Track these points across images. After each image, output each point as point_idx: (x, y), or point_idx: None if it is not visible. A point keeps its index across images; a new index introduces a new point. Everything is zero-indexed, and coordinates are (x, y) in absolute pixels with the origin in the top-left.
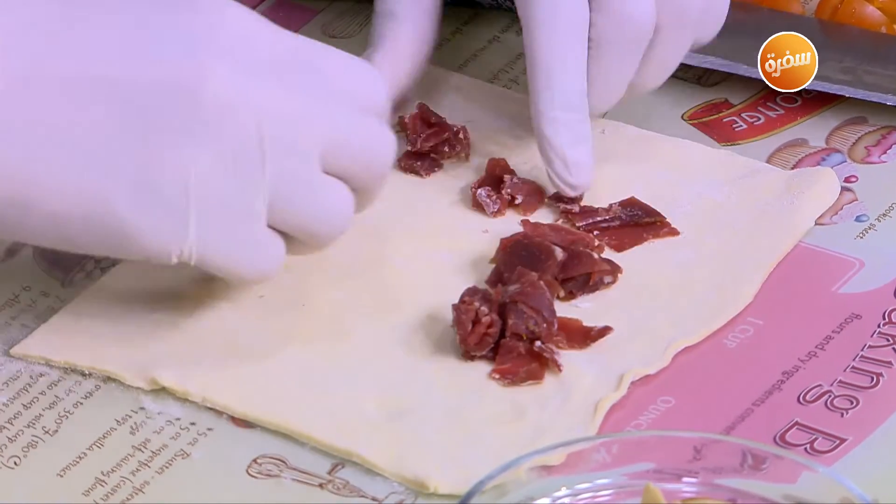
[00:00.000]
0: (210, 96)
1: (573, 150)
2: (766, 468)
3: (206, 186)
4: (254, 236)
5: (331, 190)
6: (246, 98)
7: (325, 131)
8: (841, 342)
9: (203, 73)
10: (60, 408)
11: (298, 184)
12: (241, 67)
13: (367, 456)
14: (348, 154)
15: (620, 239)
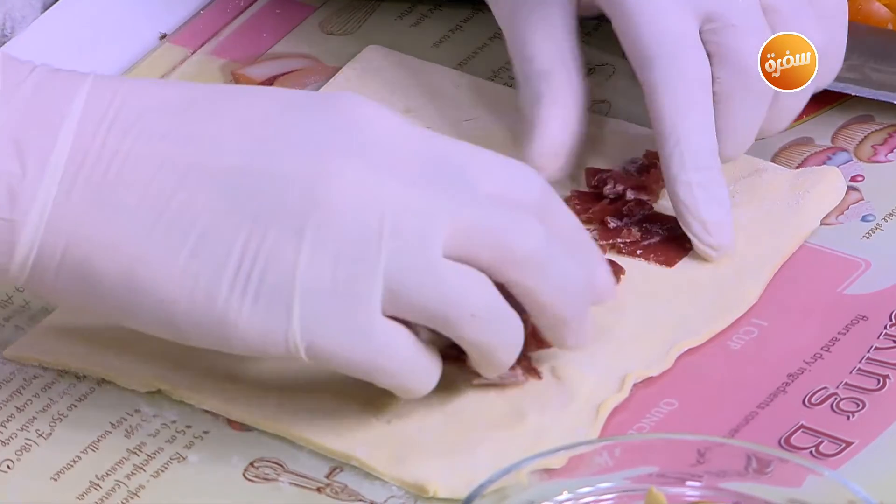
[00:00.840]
0: (331, 193)
1: (709, 211)
2: (770, 472)
3: (314, 276)
4: (369, 325)
5: (452, 271)
6: (370, 194)
7: (451, 220)
8: (847, 344)
9: (328, 172)
10: (54, 410)
11: (415, 267)
12: (369, 165)
13: (365, 459)
14: (477, 241)
15: (666, 254)
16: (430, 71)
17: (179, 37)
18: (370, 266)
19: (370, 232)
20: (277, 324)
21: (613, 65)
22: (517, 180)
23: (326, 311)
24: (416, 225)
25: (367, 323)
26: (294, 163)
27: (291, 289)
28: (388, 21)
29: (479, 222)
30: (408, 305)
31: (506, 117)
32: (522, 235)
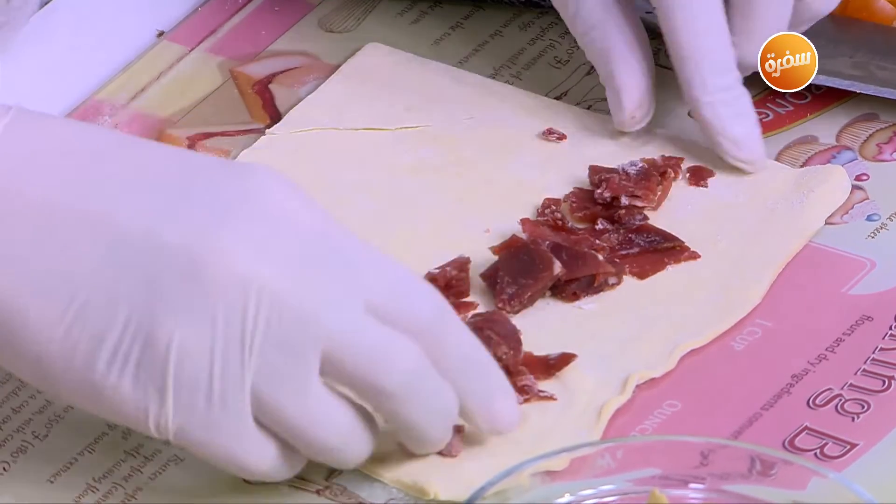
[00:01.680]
0: (212, 274)
1: (736, 126)
2: (774, 474)
3: (189, 361)
4: (237, 426)
5: (323, 397)
6: (248, 284)
7: (326, 332)
8: (851, 345)
9: (213, 249)
10: (50, 412)
11: (285, 380)
12: (257, 248)
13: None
14: (347, 362)
15: (642, 266)
16: (431, 69)
17: (177, 34)
18: (243, 370)
19: (247, 328)
20: (151, 407)
21: None
22: (409, 295)
23: (197, 407)
24: (291, 332)
25: (235, 428)
26: (184, 235)
27: (165, 376)
28: (388, 18)
29: (350, 340)
30: (274, 421)
31: (507, 116)
32: (392, 364)
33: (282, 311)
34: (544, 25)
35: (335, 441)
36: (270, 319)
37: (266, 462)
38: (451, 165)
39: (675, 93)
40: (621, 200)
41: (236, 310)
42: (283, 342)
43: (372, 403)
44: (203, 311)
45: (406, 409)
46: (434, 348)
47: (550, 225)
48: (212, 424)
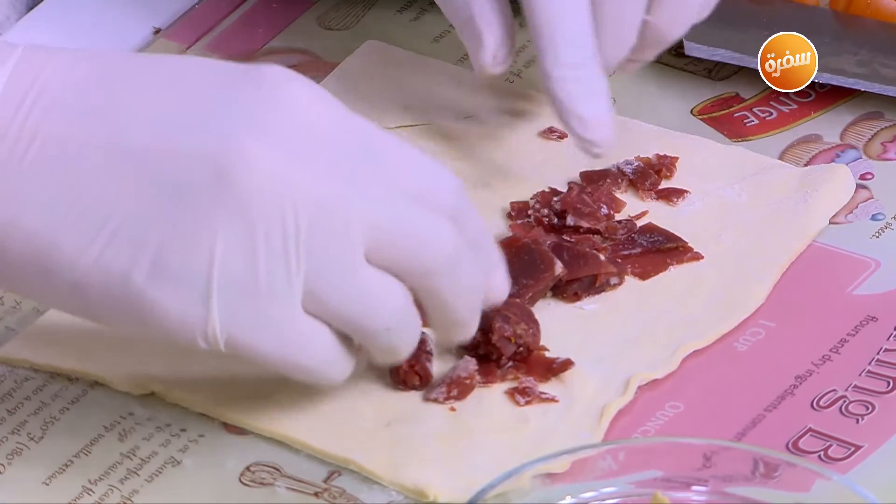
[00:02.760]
0: (245, 179)
1: (586, 105)
2: (778, 476)
3: (232, 267)
4: (289, 322)
5: (371, 280)
6: (284, 183)
7: (368, 220)
8: (856, 345)
9: (241, 155)
10: (46, 413)
11: (336, 271)
12: (286, 150)
13: (364, 463)
14: (395, 245)
15: (644, 267)
16: (430, 66)
17: (174, 32)
18: (290, 265)
19: (288, 226)
20: (196, 316)
21: None
22: (436, 181)
23: (245, 307)
24: (336, 225)
25: (286, 321)
26: (207, 144)
27: (209, 282)
28: (387, 16)
29: (396, 226)
30: (326, 309)
31: (507, 114)
32: (437, 244)
33: (320, 207)
34: None
35: (389, 321)
36: (310, 216)
37: (320, 356)
38: (450, 164)
39: (674, 93)
40: (567, 219)
41: (274, 211)
42: (326, 237)
43: (414, 283)
44: (240, 217)
45: (446, 286)
46: (459, 225)
47: (545, 226)
48: (263, 326)
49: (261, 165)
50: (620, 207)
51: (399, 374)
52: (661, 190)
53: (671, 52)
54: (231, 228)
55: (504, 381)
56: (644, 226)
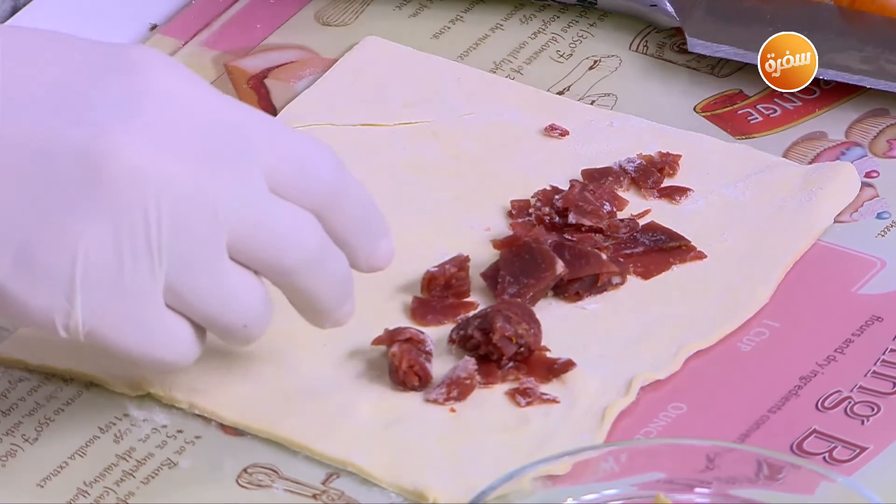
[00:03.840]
0: (107, 168)
1: None
2: (782, 478)
3: (95, 259)
4: (150, 317)
5: (233, 278)
6: (146, 175)
7: (232, 217)
8: (861, 346)
9: (109, 144)
10: (41, 415)
11: (197, 268)
12: (154, 141)
13: (363, 465)
14: (256, 243)
15: (646, 266)
16: (430, 63)
17: (170, 28)
18: (153, 260)
19: (151, 222)
20: (58, 309)
21: (620, 56)
22: (310, 164)
23: (108, 302)
24: (199, 222)
25: (149, 318)
26: (77, 136)
27: (73, 278)
28: (386, 11)
29: (259, 226)
30: (187, 305)
31: (508, 111)
32: (299, 243)
33: (185, 202)
34: (546, 19)
35: (248, 318)
36: (174, 212)
37: (179, 350)
38: (450, 162)
39: (676, 90)
40: (568, 218)
41: (139, 206)
42: (189, 233)
43: (276, 281)
44: (106, 211)
45: (309, 284)
46: (334, 208)
47: (546, 225)
48: (124, 321)
49: (127, 158)
50: (623, 206)
51: (398, 375)
52: (663, 188)
53: (674, 49)
54: (97, 223)
55: (505, 382)
56: (646, 224)
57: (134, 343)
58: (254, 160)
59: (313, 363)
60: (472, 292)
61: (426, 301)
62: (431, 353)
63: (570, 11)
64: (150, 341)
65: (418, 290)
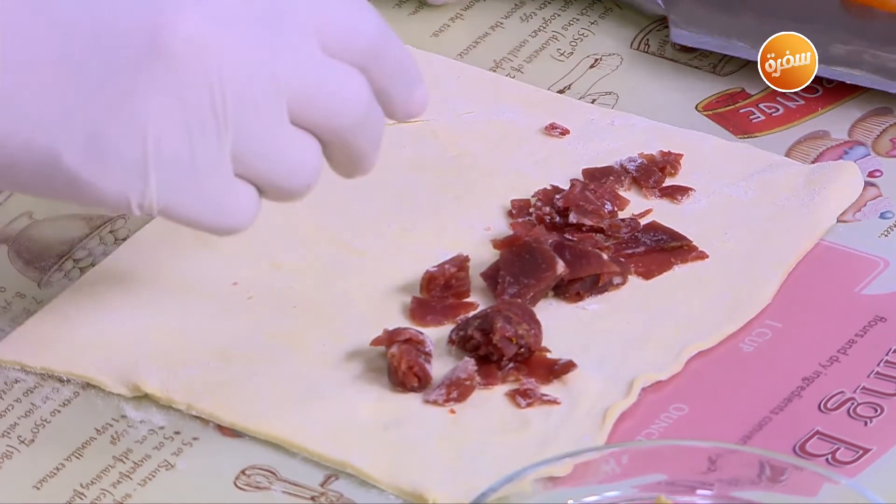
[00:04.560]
0: (169, 45)
1: None
2: (785, 480)
3: (165, 138)
4: (221, 187)
5: (296, 142)
6: (207, 48)
7: (291, 82)
8: (864, 346)
9: (168, 20)
10: (37, 416)
11: (262, 136)
12: (206, 14)
13: (361, 467)
14: (314, 106)
15: (647, 266)
16: (430, 62)
17: None
18: (221, 135)
19: (216, 95)
20: (133, 190)
21: (621, 55)
22: (355, 23)
23: (181, 179)
24: (262, 90)
25: (220, 190)
26: (129, 18)
27: (145, 159)
28: (386, 9)
29: (315, 89)
30: (254, 172)
31: (508, 110)
32: (351, 103)
33: (246, 72)
34: (546, 17)
35: (312, 178)
36: (237, 82)
37: (249, 217)
38: (450, 161)
39: (678, 88)
40: (569, 217)
41: (203, 79)
42: (253, 102)
43: (328, 139)
44: (171, 88)
45: (357, 140)
46: (378, 62)
47: (546, 225)
48: (197, 195)
49: (186, 32)
50: (624, 205)
51: (398, 376)
52: (665, 188)
53: (675, 47)
54: (163, 101)
55: (505, 383)
56: (648, 224)
57: (207, 215)
58: (306, 24)
59: (312, 364)
60: (471, 292)
61: (426, 301)
62: (431, 353)
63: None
64: (222, 212)
65: (418, 290)
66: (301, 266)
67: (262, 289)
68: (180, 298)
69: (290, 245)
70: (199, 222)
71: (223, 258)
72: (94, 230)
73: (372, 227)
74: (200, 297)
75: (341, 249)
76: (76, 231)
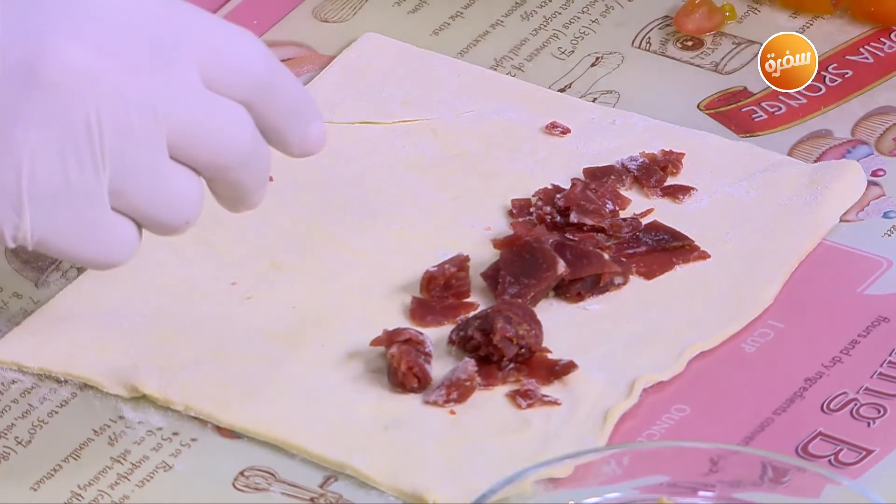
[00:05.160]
0: (48, 73)
1: None
2: (787, 481)
3: (41, 168)
4: (98, 220)
5: (176, 177)
6: (87, 77)
7: (171, 117)
8: (867, 347)
9: (44, 50)
10: (34, 417)
11: (140, 170)
12: (88, 44)
13: (361, 468)
14: (195, 142)
15: (649, 266)
16: (430, 60)
17: None
18: (98, 168)
19: (93, 127)
20: (8, 221)
21: (622, 53)
22: (242, 58)
23: (56, 212)
24: (140, 125)
25: (96, 223)
26: (12, 49)
27: (20, 189)
28: (385, 7)
29: (198, 126)
30: (132, 207)
31: (509, 109)
32: (235, 141)
33: (125, 105)
34: (547, 15)
35: (190, 214)
36: (116, 114)
37: (123, 249)
38: (450, 160)
39: (679, 87)
40: (570, 217)
41: (81, 111)
42: (132, 136)
43: (210, 176)
44: (48, 118)
45: (240, 178)
46: (265, 99)
47: (547, 224)
48: (73, 228)
49: (67, 61)
50: (625, 205)
51: (397, 377)
52: (666, 187)
53: (677, 46)
54: (41, 131)
55: (505, 384)
56: (649, 224)
57: (82, 248)
58: (190, 58)
59: (311, 364)
60: (472, 292)
61: (425, 301)
62: (431, 354)
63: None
64: (98, 245)
65: (417, 290)
66: (300, 266)
67: (261, 289)
68: (179, 298)
69: (289, 245)
70: (76, 255)
71: (222, 258)
72: None
73: (372, 227)
74: (199, 297)
75: (341, 249)
76: None
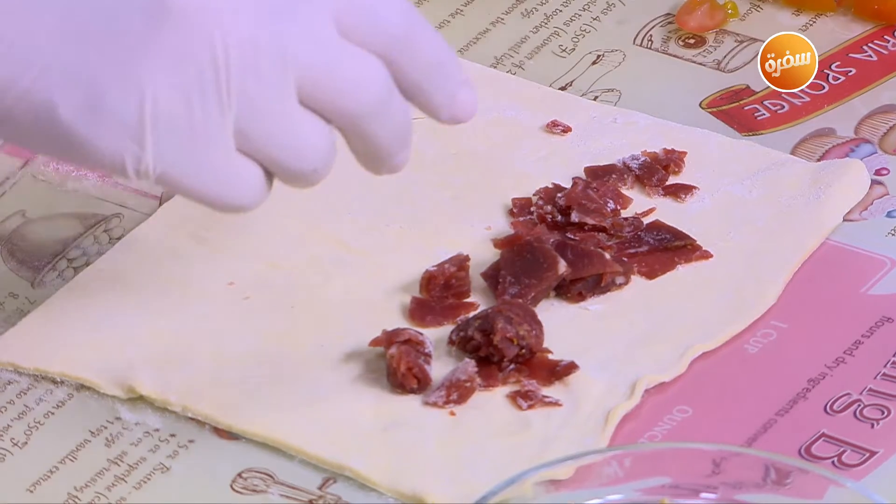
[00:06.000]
0: (179, 10)
1: None
2: (790, 483)
3: (164, 100)
4: (222, 160)
5: (304, 123)
6: (216, 11)
7: (300, 60)
8: (871, 347)
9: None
10: (30, 418)
11: (266, 110)
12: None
13: (360, 470)
14: (324, 86)
15: (651, 266)
16: None
17: None
18: (222, 107)
19: (220, 64)
20: (130, 152)
21: (623, 51)
22: (378, 9)
23: (179, 147)
24: (267, 66)
25: (219, 161)
26: None
27: (143, 121)
28: None
29: (326, 70)
30: (257, 149)
31: (509, 107)
32: (365, 88)
33: (252, 44)
34: (548, 13)
35: (318, 161)
36: (242, 54)
37: (249, 194)
38: (450, 159)
39: (682, 85)
40: (571, 216)
41: (206, 47)
42: (258, 76)
43: (341, 125)
44: (173, 53)
45: (372, 129)
46: (404, 54)
47: (548, 224)
48: (195, 165)
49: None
50: (627, 204)
51: (397, 377)
52: (668, 186)
53: (679, 44)
54: (164, 66)
55: (506, 385)
56: (651, 223)
57: (205, 186)
58: (324, 6)
59: (310, 365)
60: (472, 292)
61: (425, 301)
62: (431, 354)
63: None
64: (221, 185)
65: (417, 290)
66: (299, 266)
67: (259, 289)
68: (176, 298)
69: (287, 244)
70: (200, 193)
71: (220, 257)
72: (88, 229)
73: (371, 227)
74: (196, 298)
75: (340, 249)
76: (70, 230)
